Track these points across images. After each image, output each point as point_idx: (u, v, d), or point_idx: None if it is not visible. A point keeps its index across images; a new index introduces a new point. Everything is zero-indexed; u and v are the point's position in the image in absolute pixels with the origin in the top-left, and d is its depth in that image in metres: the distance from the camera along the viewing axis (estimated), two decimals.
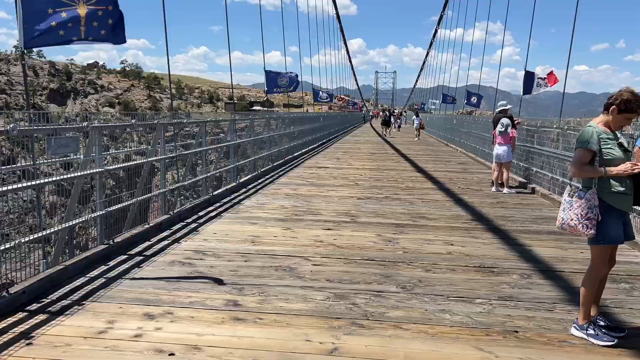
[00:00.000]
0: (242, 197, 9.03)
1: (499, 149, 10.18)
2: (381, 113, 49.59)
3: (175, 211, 7.11)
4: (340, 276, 4.80)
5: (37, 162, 4.62)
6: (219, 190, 9.01)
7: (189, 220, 7.09)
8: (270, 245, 5.88)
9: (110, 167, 5.60)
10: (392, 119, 43.92)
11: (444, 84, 41.46)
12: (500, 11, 21.35)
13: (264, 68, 14.47)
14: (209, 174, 8.57)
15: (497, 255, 5.67)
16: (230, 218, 7.35)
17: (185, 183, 7.65)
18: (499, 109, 10.95)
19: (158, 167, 7.40)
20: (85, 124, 4.81)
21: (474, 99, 23.06)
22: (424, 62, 76.09)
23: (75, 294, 4.22)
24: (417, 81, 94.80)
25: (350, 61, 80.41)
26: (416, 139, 29.73)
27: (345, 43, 71.46)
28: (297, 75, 15.23)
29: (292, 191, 9.79)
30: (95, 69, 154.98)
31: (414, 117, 34.38)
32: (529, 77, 13.64)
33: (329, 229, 6.70)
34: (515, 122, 10.74)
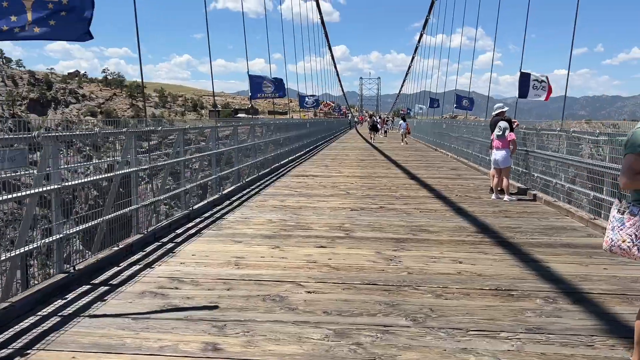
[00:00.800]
0: (225, 210, 8.31)
1: (497, 154, 9.61)
2: (368, 119, 49.31)
3: (149, 229, 6.37)
4: (339, 306, 4.12)
5: None
6: (200, 204, 8.26)
7: (165, 239, 6.36)
8: (257, 268, 5.18)
9: (69, 184, 4.86)
10: (379, 125, 43.71)
11: (429, 90, 41.09)
12: (480, 17, 21.38)
13: (248, 72, 13.73)
14: (188, 187, 7.83)
15: (513, 274, 5.04)
16: (212, 236, 6.63)
17: (161, 197, 6.91)
18: (496, 112, 10.40)
19: (143, 176, 6.70)
20: (35, 133, 4.09)
21: (465, 102, 22.47)
22: (409, 68, 75.95)
23: (19, 340, 3.48)
24: (402, 87, 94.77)
25: (336, 67, 79.98)
26: (402, 143, 29.84)
27: (330, 49, 70.95)
28: (282, 81, 14.55)
29: (279, 203, 9.09)
30: (77, 78, 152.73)
31: (401, 121, 35.09)
32: (525, 79, 12.91)
33: (322, 247, 6.02)
34: (514, 124, 10.17)
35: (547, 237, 6.66)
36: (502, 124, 9.59)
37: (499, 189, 9.75)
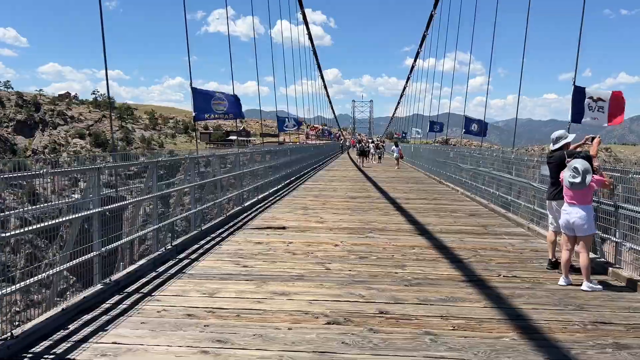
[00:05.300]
0: (92, 328, 4.44)
1: (573, 214, 5.87)
2: (358, 144, 45.11)
3: None
4: None
5: None
6: (34, 323, 4.35)
7: None
8: None
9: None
10: (372, 149, 39.96)
11: (428, 114, 37.81)
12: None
13: (190, 85, 9.94)
14: (17, 287, 4.00)
15: None
16: None
17: None
18: (558, 144, 6.69)
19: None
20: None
21: (475, 126, 18.77)
22: (404, 90, 72.82)
23: None
24: (396, 110, 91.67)
25: (326, 89, 76.54)
26: (396, 167, 29.76)
27: (320, 72, 67.59)
28: (238, 99, 10.89)
29: (205, 301, 5.27)
30: (67, 100, 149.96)
31: (394, 147, 34.62)
32: (579, 97, 9.12)
33: None
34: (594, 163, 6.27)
35: None
36: (579, 163, 5.84)
37: (570, 265, 6.04)
